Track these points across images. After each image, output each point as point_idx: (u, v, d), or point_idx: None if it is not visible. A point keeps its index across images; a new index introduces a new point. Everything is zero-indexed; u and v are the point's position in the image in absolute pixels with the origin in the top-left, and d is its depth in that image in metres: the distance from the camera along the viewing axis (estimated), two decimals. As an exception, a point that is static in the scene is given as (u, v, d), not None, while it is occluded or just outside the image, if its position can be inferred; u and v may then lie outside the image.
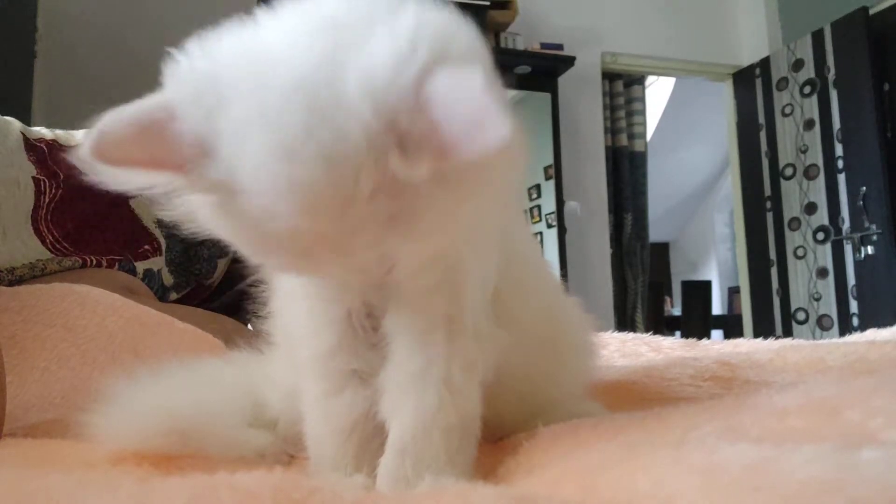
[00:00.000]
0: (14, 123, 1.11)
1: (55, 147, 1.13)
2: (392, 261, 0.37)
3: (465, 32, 0.35)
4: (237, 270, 1.33)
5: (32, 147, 1.09)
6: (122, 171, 0.35)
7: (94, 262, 1.07)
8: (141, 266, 1.14)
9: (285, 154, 0.31)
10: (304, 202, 0.32)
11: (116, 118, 0.34)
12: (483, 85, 0.30)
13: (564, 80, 3.58)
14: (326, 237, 0.34)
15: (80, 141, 0.33)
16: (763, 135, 3.88)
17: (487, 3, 3.13)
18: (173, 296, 1.23)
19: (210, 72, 0.34)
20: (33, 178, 1.06)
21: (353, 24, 0.33)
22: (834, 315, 3.47)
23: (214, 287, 1.32)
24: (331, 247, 0.34)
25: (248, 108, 0.32)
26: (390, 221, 0.34)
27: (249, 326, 1.21)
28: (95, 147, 0.34)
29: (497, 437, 0.55)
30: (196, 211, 0.38)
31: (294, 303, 0.50)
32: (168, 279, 1.21)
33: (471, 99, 0.30)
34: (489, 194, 0.38)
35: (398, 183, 0.32)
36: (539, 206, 3.55)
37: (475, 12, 3.10)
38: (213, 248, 1.27)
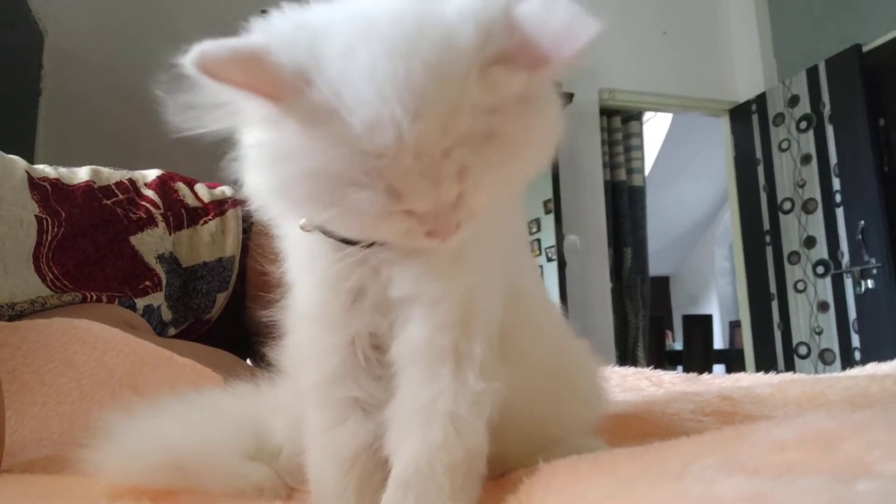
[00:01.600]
0: (19, 162, 1.12)
1: (58, 186, 1.14)
2: (464, 205, 0.38)
3: None
4: (235, 305, 1.34)
5: (36, 186, 1.10)
6: (224, 88, 0.36)
7: (95, 297, 1.08)
8: (141, 302, 1.14)
9: (400, 53, 0.34)
10: (414, 103, 0.34)
11: (216, 44, 0.35)
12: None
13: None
14: (425, 155, 0.35)
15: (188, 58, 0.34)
16: (761, 169, 3.91)
17: (486, 42, 3.18)
18: (172, 331, 1.23)
19: (306, 17, 0.37)
20: (36, 216, 1.07)
21: None
22: (836, 349, 3.46)
23: (213, 322, 1.32)
24: (425, 169, 0.36)
25: (354, 30, 0.35)
26: (481, 146, 0.36)
27: (249, 361, 1.21)
28: (200, 61, 0.35)
29: (498, 474, 0.54)
30: (263, 161, 0.39)
31: (299, 327, 0.50)
32: (167, 314, 1.21)
33: (559, 9, 0.35)
34: (542, 143, 0.41)
35: (494, 101, 0.35)
36: (539, 240, 3.57)
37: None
38: (211, 283, 1.28)
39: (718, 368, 5.08)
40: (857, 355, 3.34)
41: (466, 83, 0.34)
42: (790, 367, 3.63)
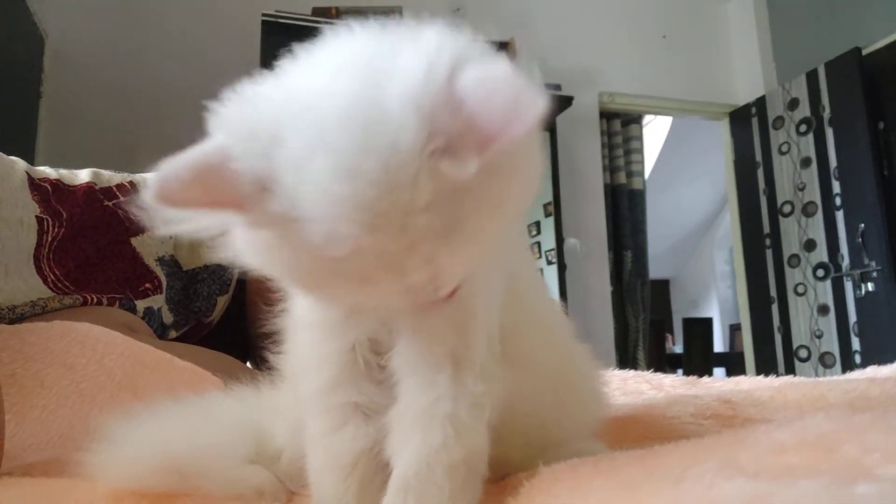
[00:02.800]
0: (19, 163, 1.12)
1: (59, 186, 1.15)
2: (441, 279, 0.38)
3: (481, 44, 0.38)
4: (236, 308, 1.34)
5: (36, 186, 1.10)
6: (184, 213, 0.36)
7: (95, 300, 1.08)
8: (141, 304, 1.14)
9: (347, 173, 0.33)
10: (367, 218, 0.33)
11: (175, 164, 0.35)
12: (509, 69, 0.33)
13: (563, 120, 3.63)
14: (385, 256, 0.35)
15: (147, 183, 0.35)
16: (760, 173, 3.92)
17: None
18: (172, 334, 1.23)
19: (259, 112, 0.36)
20: (37, 217, 1.07)
21: (382, 52, 0.36)
22: (836, 352, 3.46)
23: (213, 325, 1.32)
24: (389, 266, 0.36)
25: (305, 137, 0.34)
26: (444, 230, 0.35)
27: (249, 364, 1.21)
28: (159, 192, 0.35)
29: (499, 477, 0.54)
30: (246, 250, 0.39)
31: (299, 333, 0.50)
32: (167, 317, 1.21)
33: (502, 82, 0.33)
34: (519, 196, 0.40)
35: (449, 189, 0.34)
36: (539, 244, 3.57)
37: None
38: (212, 286, 1.28)
39: (719, 372, 5.08)
40: (858, 358, 3.33)
41: (417, 185, 0.33)
42: (790, 370, 3.63)
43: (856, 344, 3.37)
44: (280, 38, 2.87)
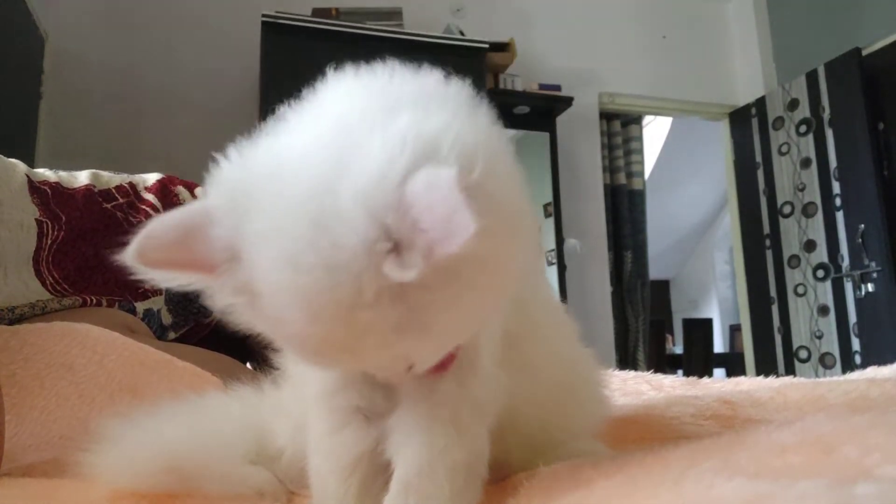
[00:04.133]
0: (19, 166, 1.12)
1: (58, 189, 1.15)
2: (409, 360, 0.38)
3: (459, 126, 0.36)
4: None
5: (36, 189, 1.10)
6: (160, 273, 0.37)
7: (94, 301, 1.08)
8: (141, 306, 1.14)
9: (290, 264, 0.33)
10: (309, 310, 0.34)
11: (160, 223, 0.37)
12: (452, 182, 0.31)
13: (563, 120, 3.63)
14: (336, 341, 0.35)
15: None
16: (760, 173, 3.92)
17: (486, 46, 3.19)
18: (172, 335, 1.23)
19: (242, 181, 0.37)
20: (36, 220, 1.07)
21: (356, 128, 0.35)
22: (836, 353, 3.46)
23: (213, 326, 1.32)
24: (341, 349, 0.36)
25: (264, 219, 0.35)
26: (399, 325, 0.34)
27: (249, 364, 1.21)
28: (138, 252, 0.36)
29: (499, 477, 0.55)
30: (229, 305, 0.40)
31: None
32: (167, 318, 1.21)
33: (440, 196, 0.31)
34: (502, 280, 0.39)
35: (400, 289, 0.33)
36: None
37: (475, 55, 3.16)
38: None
39: (719, 372, 5.08)
40: (858, 359, 3.33)
41: (360, 283, 0.33)
42: (790, 370, 3.63)
43: (856, 344, 3.37)
44: (280, 38, 2.88)
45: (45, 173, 1.17)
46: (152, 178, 1.30)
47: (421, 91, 0.39)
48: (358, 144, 0.35)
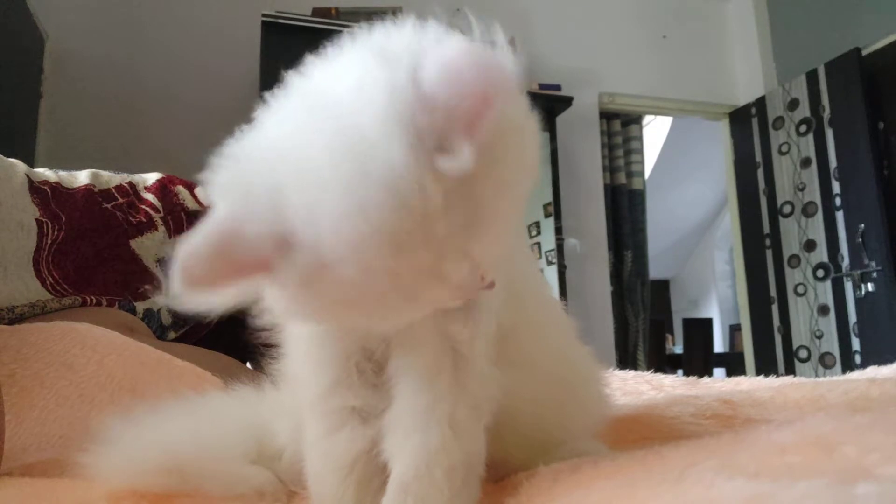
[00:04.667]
0: (19, 166, 1.12)
1: (58, 189, 1.15)
2: (481, 269, 0.38)
3: (439, 31, 0.37)
4: (236, 310, 1.34)
5: (36, 189, 1.10)
6: (213, 291, 0.35)
7: (94, 301, 1.08)
8: (141, 306, 1.14)
9: (357, 210, 0.32)
10: (392, 242, 0.33)
11: (190, 244, 0.35)
12: (461, 44, 0.32)
13: (563, 120, 3.63)
14: (423, 268, 0.34)
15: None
16: (760, 173, 3.92)
17: (486, 45, 3.18)
18: (172, 334, 1.23)
19: (250, 173, 0.36)
20: (36, 220, 1.07)
21: (348, 84, 0.35)
22: (836, 352, 3.46)
23: (213, 326, 1.32)
24: (429, 278, 0.35)
25: (304, 191, 0.34)
26: (467, 224, 0.35)
27: (249, 364, 1.21)
28: (185, 275, 0.34)
29: (499, 477, 0.55)
30: (276, 304, 0.39)
31: (293, 345, 0.51)
32: (167, 318, 1.21)
33: (463, 63, 0.31)
34: (524, 172, 0.39)
35: (457, 184, 0.33)
36: (539, 244, 3.57)
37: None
38: (212, 287, 1.28)
39: (719, 372, 5.08)
40: (858, 359, 3.33)
41: (425, 192, 0.32)
42: (790, 370, 3.63)
43: (856, 344, 3.37)
44: (280, 38, 2.88)
45: (45, 173, 1.17)
46: (152, 177, 1.30)
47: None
48: (357, 86, 0.34)
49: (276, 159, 0.35)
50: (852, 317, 3.40)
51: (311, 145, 0.34)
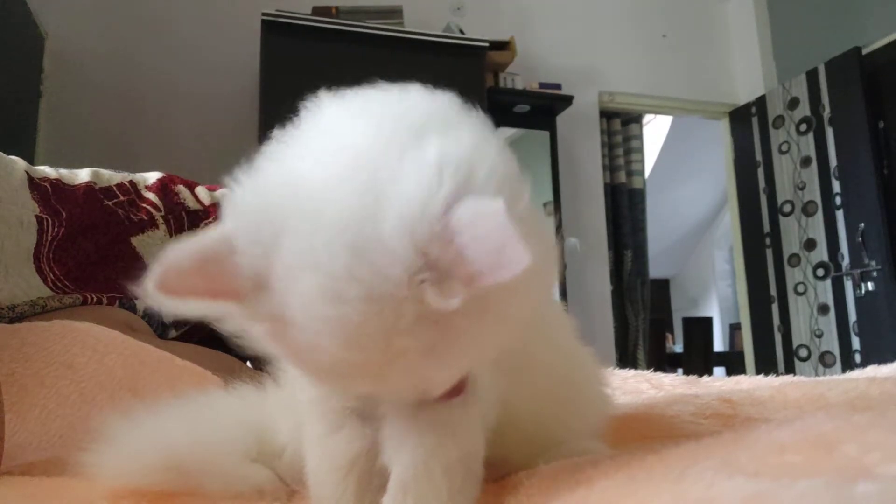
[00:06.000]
0: (19, 163, 1.12)
1: (58, 186, 1.15)
2: (428, 384, 0.38)
3: (488, 154, 0.36)
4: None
5: (36, 186, 1.10)
6: (183, 302, 0.36)
7: (95, 299, 1.08)
8: (141, 304, 1.14)
9: (331, 296, 0.33)
10: (348, 339, 0.34)
11: (180, 252, 0.36)
12: (503, 214, 0.31)
13: (563, 119, 3.63)
14: (367, 367, 0.35)
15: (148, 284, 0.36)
16: (760, 172, 3.92)
17: (487, 45, 3.19)
18: (173, 333, 1.23)
19: (264, 211, 0.36)
20: (36, 216, 1.07)
21: (384, 155, 0.35)
22: (836, 351, 3.46)
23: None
24: (370, 375, 0.36)
25: (297, 250, 0.34)
26: (429, 349, 0.35)
27: (249, 363, 1.21)
28: (160, 281, 0.35)
29: (499, 476, 0.55)
30: (251, 331, 0.39)
31: None
32: (167, 317, 1.21)
33: (492, 228, 0.32)
34: (527, 309, 0.40)
35: (434, 316, 0.33)
36: (539, 243, 3.56)
37: (475, 53, 3.16)
38: (213, 286, 1.28)
39: (719, 371, 5.08)
40: (858, 358, 3.33)
41: (404, 309, 0.33)
42: (790, 369, 3.63)
43: (856, 343, 3.37)
44: (280, 37, 2.87)
45: (45, 170, 1.17)
46: (153, 176, 1.30)
47: (437, 112, 0.39)
48: (390, 171, 0.34)
49: (290, 203, 0.36)
50: (852, 316, 3.40)
51: (328, 213, 0.34)
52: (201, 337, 1.29)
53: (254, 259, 0.35)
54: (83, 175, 1.21)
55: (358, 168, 0.35)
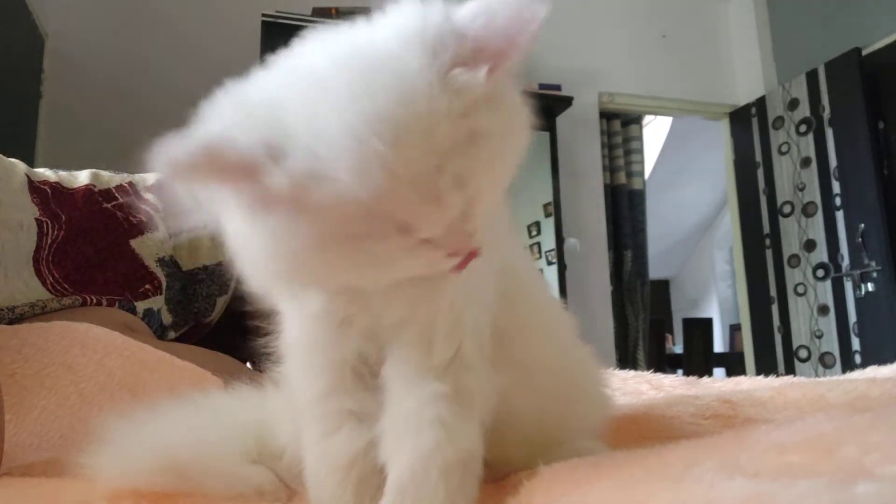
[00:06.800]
0: (19, 165, 1.12)
1: (58, 189, 1.15)
2: (474, 207, 0.39)
3: None
4: (236, 309, 1.34)
5: (36, 189, 1.10)
6: (198, 185, 0.37)
7: (95, 300, 1.08)
8: (141, 305, 1.14)
9: (360, 98, 0.34)
10: (391, 134, 0.34)
11: (181, 140, 0.35)
12: None
13: (563, 120, 3.63)
14: (419, 178, 0.35)
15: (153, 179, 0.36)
16: (760, 173, 3.92)
17: (486, 45, 3.18)
18: (172, 334, 1.23)
19: (252, 95, 0.38)
20: (36, 219, 1.07)
21: (369, 29, 0.39)
22: (836, 352, 3.46)
23: (213, 325, 1.32)
24: (424, 192, 0.36)
25: (309, 92, 0.35)
26: (467, 145, 0.36)
27: (249, 364, 1.21)
28: (169, 163, 0.35)
29: (499, 476, 0.55)
30: (246, 248, 0.39)
31: (290, 352, 0.51)
32: (167, 318, 1.21)
33: (500, 5, 0.36)
34: (523, 131, 0.43)
35: (464, 105, 0.35)
36: (539, 244, 3.56)
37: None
38: (211, 287, 1.28)
39: (719, 372, 5.08)
40: (858, 359, 3.33)
41: (432, 95, 0.34)
42: (790, 370, 3.63)
43: (856, 344, 3.37)
44: (280, 38, 2.86)
45: (44, 173, 1.17)
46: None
47: None
48: (379, 24, 0.38)
49: (280, 82, 0.37)
50: (852, 317, 3.40)
51: (325, 60, 0.36)
52: (201, 338, 1.29)
53: (259, 131, 0.35)
54: (83, 177, 1.21)
55: (341, 37, 0.38)
